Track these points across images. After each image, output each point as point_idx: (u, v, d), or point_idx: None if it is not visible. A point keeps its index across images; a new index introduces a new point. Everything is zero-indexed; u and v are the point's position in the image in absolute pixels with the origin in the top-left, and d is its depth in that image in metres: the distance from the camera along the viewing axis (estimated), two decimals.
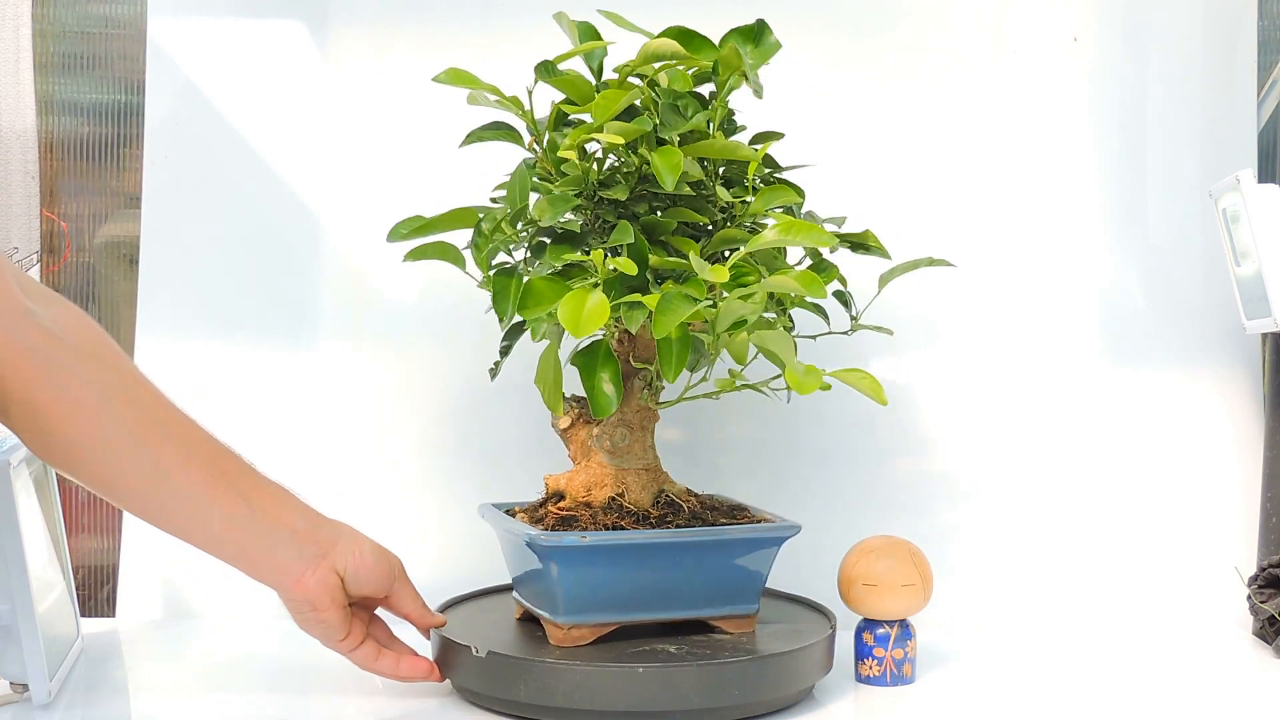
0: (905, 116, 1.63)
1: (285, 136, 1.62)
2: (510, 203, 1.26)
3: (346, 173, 1.61)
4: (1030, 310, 1.63)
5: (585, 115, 1.23)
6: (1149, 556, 1.59)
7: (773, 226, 1.17)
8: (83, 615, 1.42)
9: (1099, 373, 1.62)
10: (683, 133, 1.23)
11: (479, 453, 1.59)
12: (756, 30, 1.27)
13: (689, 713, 1.19)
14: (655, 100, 1.23)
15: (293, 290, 1.61)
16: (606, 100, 1.20)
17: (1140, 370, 1.62)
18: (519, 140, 1.28)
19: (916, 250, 1.35)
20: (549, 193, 1.24)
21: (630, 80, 1.24)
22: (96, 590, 1.67)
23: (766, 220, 1.27)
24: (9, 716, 1.20)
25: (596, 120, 1.21)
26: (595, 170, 1.24)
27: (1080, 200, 1.64)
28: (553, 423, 1.33)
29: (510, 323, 1.22)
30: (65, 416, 1.09)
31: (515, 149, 1.29)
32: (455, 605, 1.38)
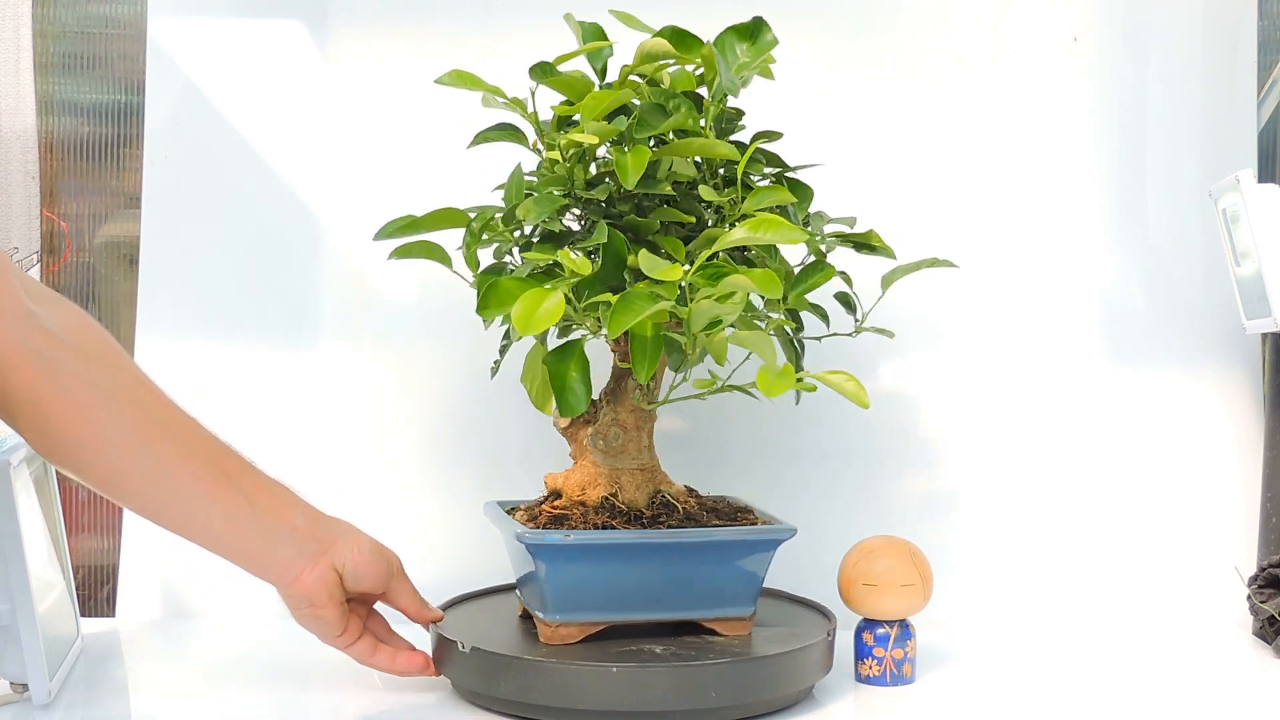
0: (905, 116, 1.63)
1: (285, 136, 1.62)
2: (507, 203, 1.26)
3: (346, 173, 1.61)
4: (1030, 310, 1.63)
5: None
6: (1149, 556, 1.59)
7: (741, 224, 1.16)
8: (83, 615, 1.42)
9: (1099, 373, 1.62)
10: (668, 131, 1.22)
11: (479, 452, 1.59)
12: (753, 28, 1.25)
13: (666, 714, 1.18)
14: (652, 100, 1.23)
15: (293, 290, 1.61)
16: (594, 101, 1.20)
17: (1140, 370, 1.62)
18: (524, 141, 1.28)
19: (917, 250, 1.35)
20: (542, 193, 1.24)
21: (632, 80, 1.24)
22: (96, 590, 1.67)
23: None
24: (9, 716, 1.20)
25: (583, 120, 1.21)
26: (581, 171, 1.23)
27: (1080, 200, 1.64)
28: (554, 422, 1.33)
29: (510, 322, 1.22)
30: (69, 418, 1.10)
31: (519, 150, 1.29)
32: (461, 603, 1.38)
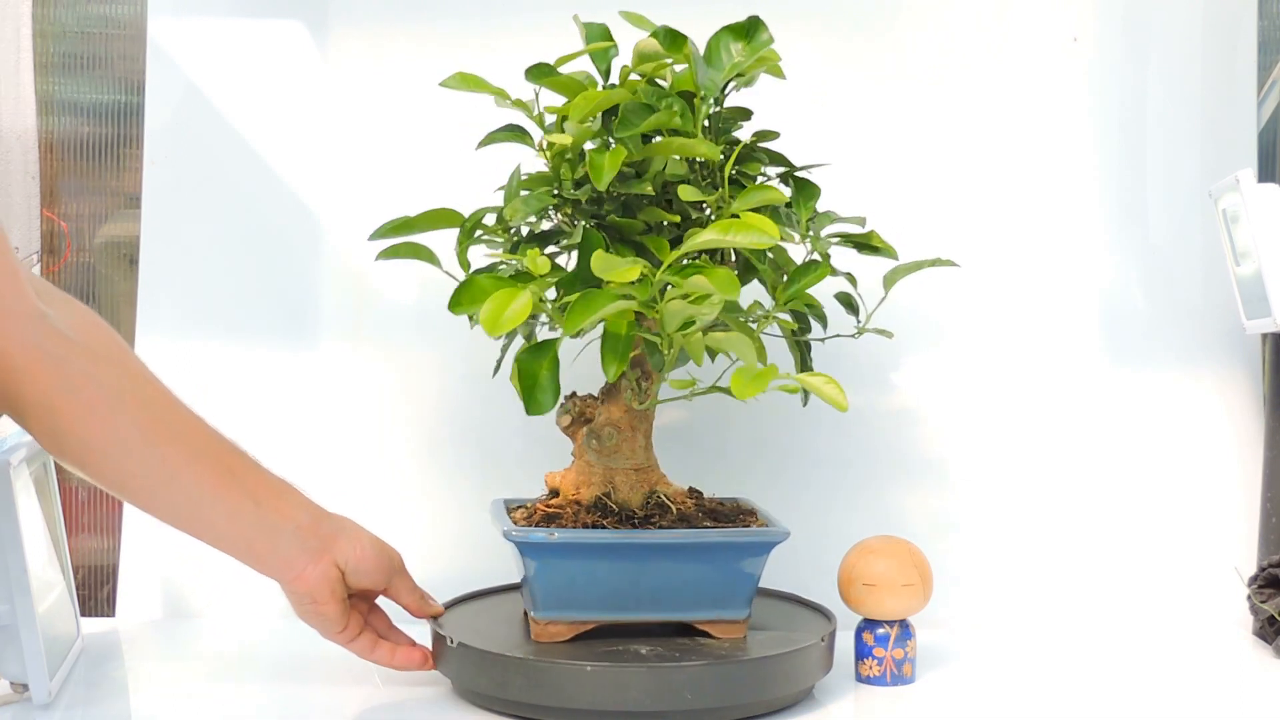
0: (905, 116, 1.63)
1: (285, 136, 1.62)
2: (505, 202, 1.26)
3: (346, 173, 1.61)
4: (1030, 310, 1.63)
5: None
6: (1149, 556, 1.59)
7: (712, 225, 1.15)
8: (83, 615, 1.42)
9: (1099, 373, 1.62)
10: (653, 130, 1.21)
11: (479, 451, 1.59)
12: (748, 27, 1.23)
13: (644, 714, 1.18)
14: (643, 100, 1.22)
15: (293, 290, 1.61)
16: (583, 101, 1.19)
17: (1140, 370, 1.62)
18: (531, 142, 1.28)
19: (917, 250, 1.35)
20: (532, 193, 1.24)
21: (633, 80, 1.24)
22: (96, 590, 1.67)
23: None
24: (9, 716, 1.20)
25: (570, 121, 1.20)
26: (569, 171, 1.23)
27: (1080, 200, 1.64)
28: (556, 420, 1.33)
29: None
30: (79, 418, 1.11)
31: (524, 151, 1.29)
32: (469, 600, 1.38)
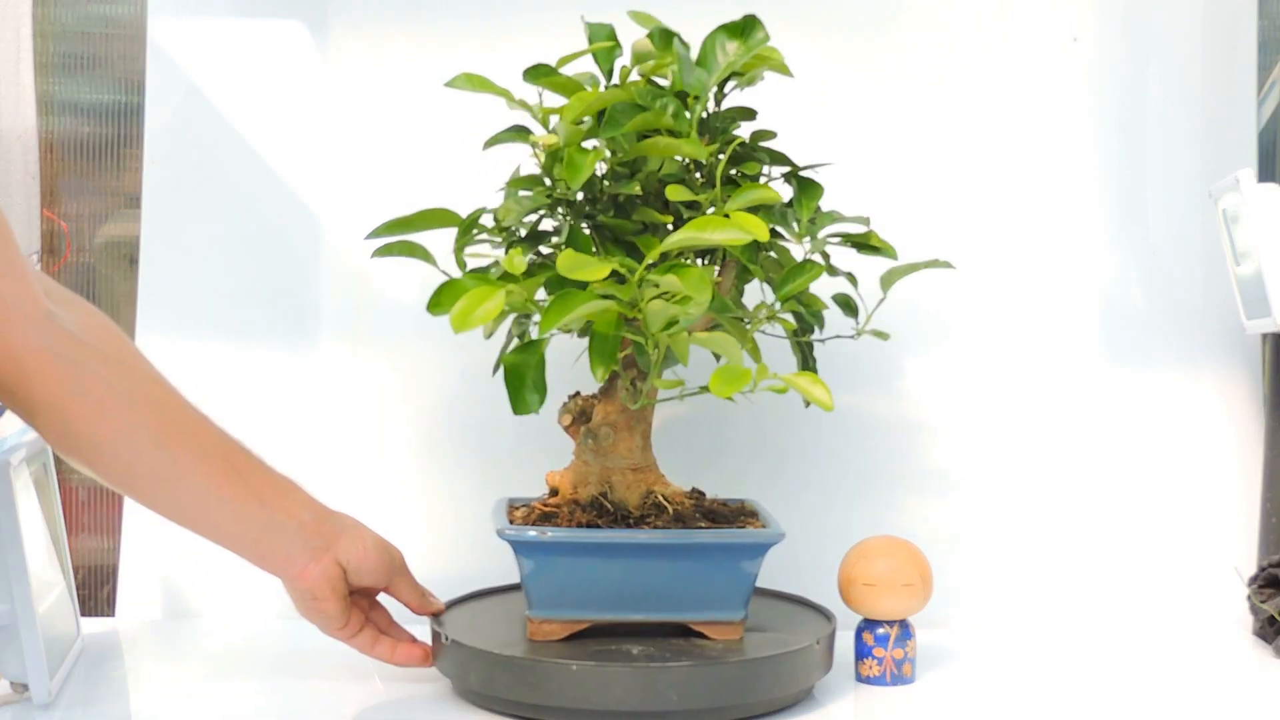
0: (905, 116, 1.63)
1: (285, 136, 1.62)
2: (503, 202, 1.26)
3: (346, 173, 1.61)
4: (1030, 310, 1.62)
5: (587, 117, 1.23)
6: (1149, 557, 1.59)
7: (689, 223, 1.14)
8: (83, 615, 1.42)
9: (1099, 373, 1.62)
10: (639, 130, 1.20)
11: (480, 451, 1.59)
12: (744, 25, 1.22)
13: (631, 714, 1.18)
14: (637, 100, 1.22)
15: (293, 290, 1.61)
16: (578, 102, 1.19)
17: (1140, 370, 1.62)
18: (548, 142, 1.28)
19: (917, 250, 1.35)
20: (538, 194, 1.25)
21: (634, 80, 1.24)
22: (96, 590, 1.67)
23: None
24: (9, 716, 1.20)
25: (564, 121, 1.20)
26: (561, 170, 1.23)
27: (1080, 200, 1.64)
28: (558, 419, 1.33)
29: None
30: (88, 418, 1.12)
31: (523, 151, 1.29)
32: (473, 599, 1.38)
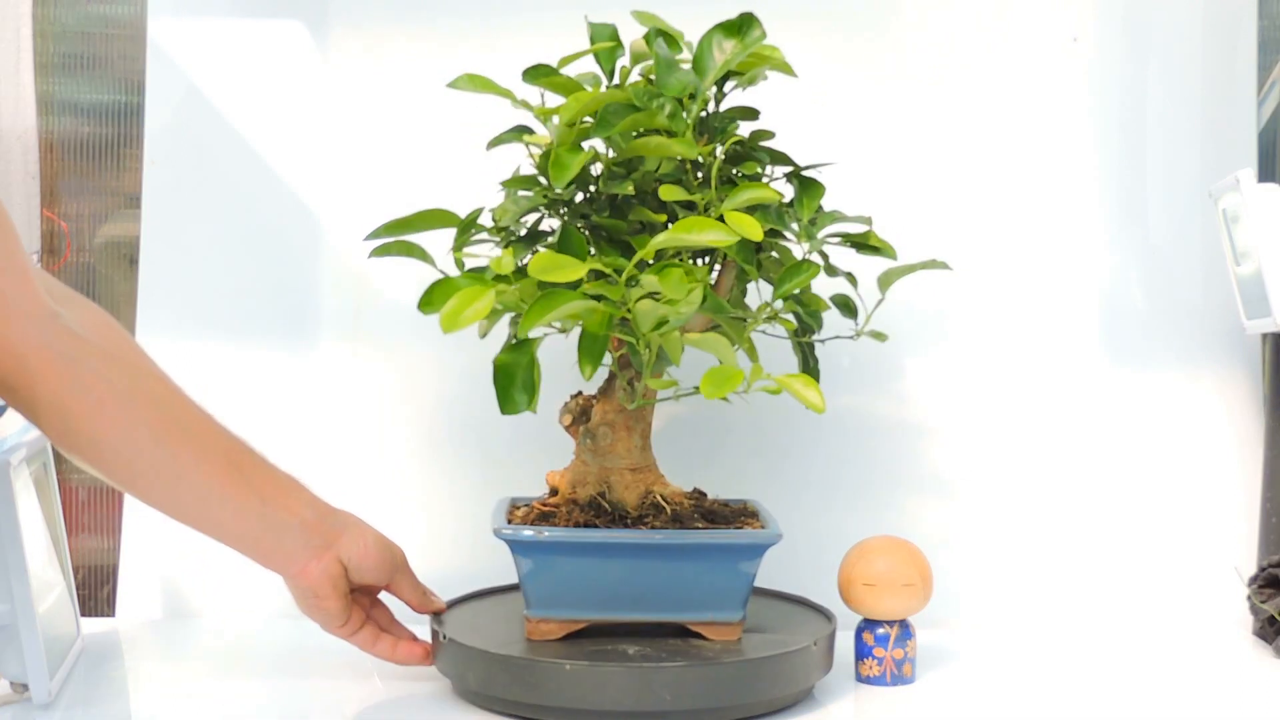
0: (905, 116, 1.63)
1: (285, 136, 1.62)
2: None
3: (346, 173, 1.61)
4: (1030, 310, 1.62)
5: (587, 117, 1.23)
6: (1149, 557, 1.59)
7: (674, 225, 1.14)
8: (83, 615, 1.42)
9: (1099, 373, 1.62)
10: (633, 130, 1.20)
11: (480, 450, 1.59)
12: (740, 23, 1.21)
13: (626, 714, 1.18)
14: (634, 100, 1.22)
15: (293, 290, 1.61)
16: (574, 102, 1.19)
17: (1140, 370, 1.62)
18: (540, 142, 1.28)
19: (917, 250, 1.35)
20: (536, 194, 1.25)
21: (635, 80, 1.24)
22: (96, 590, 1.67)
23: None
24: (9, 716, 1.20)
25: (562, 122, 1.20)
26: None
27: (1080, 200, 1.64)
28: (559, 419, 1.33)
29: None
30: (90, 416, 1.12)
31: (523, 151, 1.29)
32: (474, 599, 1.38)
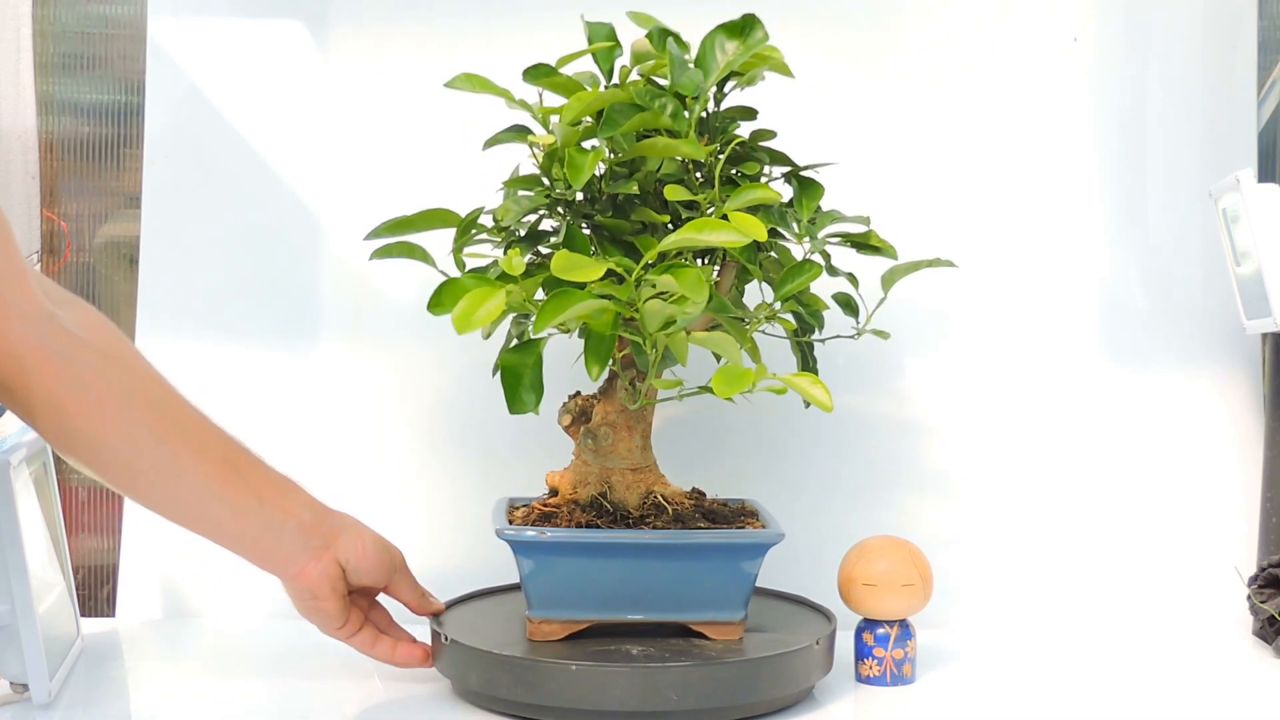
0: (905, 116, 1.63)
1: (285, 136, 1.62)
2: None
3: (346, 173, 1.61)
4: (1030, 310, 1.62)
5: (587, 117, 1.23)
6: (1149, 557, 1.59)
7: (687, 224, 1.14)
8: (83, 615, 1.42)
9: (1099, 373, 1.62)
10: (637, 130, 1.20)
11: (480, 450, 1.59)
12: (743, 25, 1.21)
13: (630, 714, 1.18)
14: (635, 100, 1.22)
15: (293, 290, 1.61)
16: (577, 102, 1.19)
17: (1140, 370, 1.62)
18: (543, 142, 1.28)
19: (917, 250, 1.35)
20: (538, 194, 1.25)
21: (635, 80, 1.24)
22: (96, 590, 1.67)
23: None
24: (9, 716, 1.20)
25: (563, 122, 1.20)
26: (559, 171, 1.23)
27: (1080, 200, 1.64)
28: (558, 419, 1.33)
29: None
30: (88, 417, 1.12)
31: (523, 151, 1.29)
32: (473, 599, 1.38)
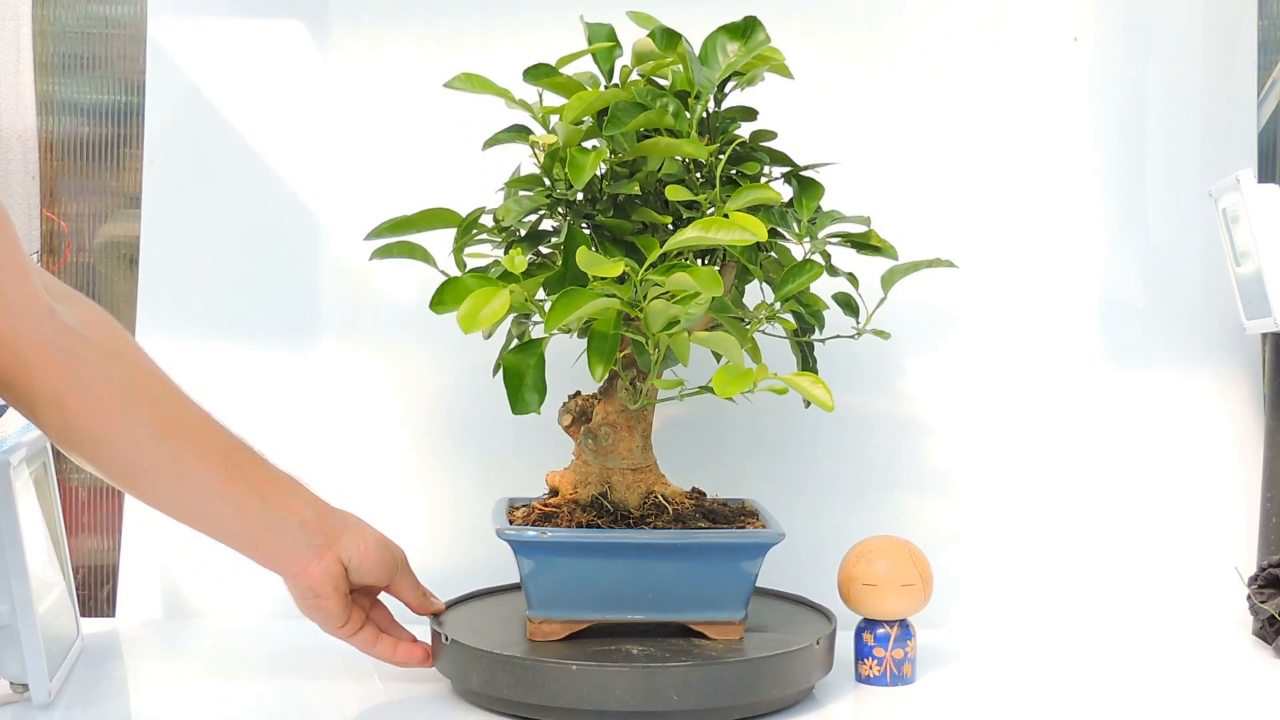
0: (905, 116, 1.63)
1: (285, 136, 1.62)
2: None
3: (346, 173, 1.61)
4: (1030, 310, 1.62)
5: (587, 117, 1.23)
6: (1149, 557, 1.59)
7: (694, 223, 1.14)
8: (83, 615, 1.42)
9: (1098, 373, 1.62)
10: (639, 129, 1.20)
11: (480, 450, 1.59)
12: (744, 26, 1.21)
13: (631, 714, 1.18)
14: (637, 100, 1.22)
15: (293, 290, 1.61)
16: (578, 101, 1.19)
17: (1140, 370, 1.62)
18: (544, 142, 1.28)
19: (917, 250, 1.35)
20: (538, 194, 1.25)
21: (635, 80, 1.24)
22: (96, 590, 1.67)
23: None
24: (9, 716, 1.20)
25: (564, 122, 1.20)
26: (561, 171, 1.23)
27: (1080, 200, 1.64)
28: (558, 419, 1.33)
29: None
30: (90, 413, 1.12)
31: (523, 151, 1.29)
32: (473, 599, 1.38)
